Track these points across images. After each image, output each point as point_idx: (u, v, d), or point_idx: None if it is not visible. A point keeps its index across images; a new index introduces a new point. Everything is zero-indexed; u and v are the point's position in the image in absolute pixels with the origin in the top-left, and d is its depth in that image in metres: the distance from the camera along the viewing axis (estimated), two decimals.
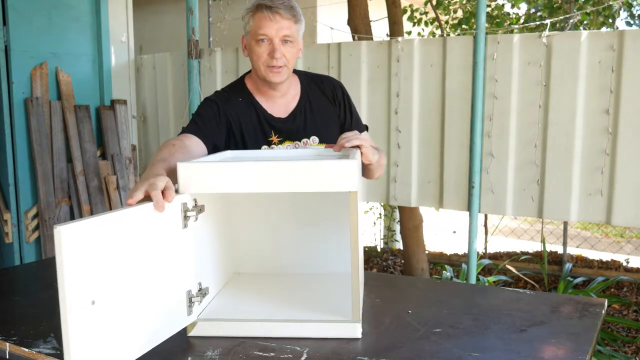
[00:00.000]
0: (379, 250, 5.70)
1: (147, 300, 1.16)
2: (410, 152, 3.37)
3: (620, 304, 4.01)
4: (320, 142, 1.78)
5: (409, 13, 5.83)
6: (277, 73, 1.67)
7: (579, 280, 4.23)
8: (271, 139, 1.74)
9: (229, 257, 1.67)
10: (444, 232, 6.47)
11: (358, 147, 1.43)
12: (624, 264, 4.81)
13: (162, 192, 1.18)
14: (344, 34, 4.08)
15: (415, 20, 5.94)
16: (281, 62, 1.66)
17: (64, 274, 0.96)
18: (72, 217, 3.83)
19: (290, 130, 1.76)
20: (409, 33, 5.66)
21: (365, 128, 1.89)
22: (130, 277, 1.11)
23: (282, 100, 1.78)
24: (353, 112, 1.85)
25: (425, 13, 6.04)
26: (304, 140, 1.76)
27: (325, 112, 1.80)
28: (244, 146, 1.74)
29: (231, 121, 1.73)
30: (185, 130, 1.66)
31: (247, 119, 1.74)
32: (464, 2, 6.07)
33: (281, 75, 1.69)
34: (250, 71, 1.81)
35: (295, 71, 1.83)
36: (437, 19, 5.16)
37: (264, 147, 1.75)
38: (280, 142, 1.74)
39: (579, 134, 2.94)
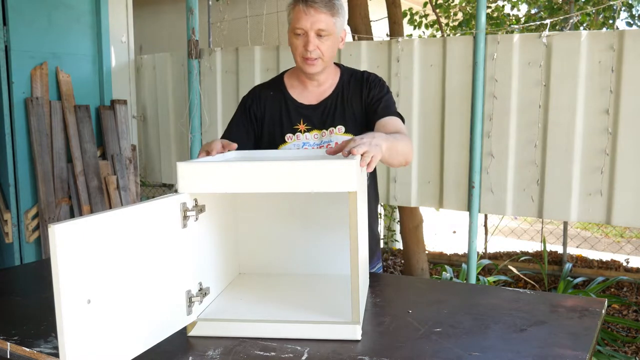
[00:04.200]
0: None
1: (145, 300, 1.16)
2: None
3: (620, 304, 4.01)
4: (346, 132, 1.80)
5: (408, 16, 5.82)
6: (311, 65, 1.75)
7: (579, 280, 4.22)
8: (298, 127, 1.82)
9: (233, 258, 1.67)
10: (444, 232, 6.46)
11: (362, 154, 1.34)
12: (624, 264, 4.81)
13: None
14: None
15: (416, 23, 5.93)
16: (315, 55, 1.73)
17: (58, 272, 0.96)
18: (72, 217, 3.82)
19: (319, 117, 1.82)
20: (410, 36, 5.65)
21: (400, 117, 1.80)
22: (128, 277, 1.11)
23: (316, 90, 1.85)
24: (383, 97, 1.81)
25: (425, 16, 6.03)
26: (330, 129, 1.81)
27: (357, 105, 1.83)
28: (262, 138, 1.84)
29: (258, 116, 1.86)
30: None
31: (275, 110, 1.85)
32: (464, 3, 6.06)
33: (315, 67, 1.76)
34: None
35: (339, 65, 1.90)
36: (437, 20, 5.16)
37: (288, 134, 1.81)
38: (308, 131, 1.82)
39: (579, 134, 2.94)
